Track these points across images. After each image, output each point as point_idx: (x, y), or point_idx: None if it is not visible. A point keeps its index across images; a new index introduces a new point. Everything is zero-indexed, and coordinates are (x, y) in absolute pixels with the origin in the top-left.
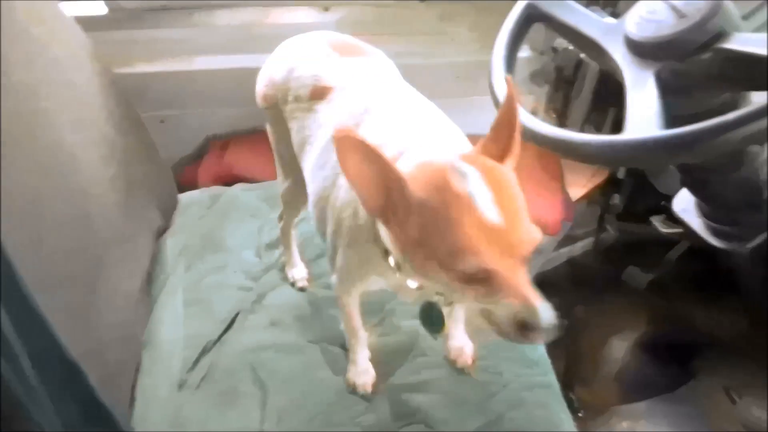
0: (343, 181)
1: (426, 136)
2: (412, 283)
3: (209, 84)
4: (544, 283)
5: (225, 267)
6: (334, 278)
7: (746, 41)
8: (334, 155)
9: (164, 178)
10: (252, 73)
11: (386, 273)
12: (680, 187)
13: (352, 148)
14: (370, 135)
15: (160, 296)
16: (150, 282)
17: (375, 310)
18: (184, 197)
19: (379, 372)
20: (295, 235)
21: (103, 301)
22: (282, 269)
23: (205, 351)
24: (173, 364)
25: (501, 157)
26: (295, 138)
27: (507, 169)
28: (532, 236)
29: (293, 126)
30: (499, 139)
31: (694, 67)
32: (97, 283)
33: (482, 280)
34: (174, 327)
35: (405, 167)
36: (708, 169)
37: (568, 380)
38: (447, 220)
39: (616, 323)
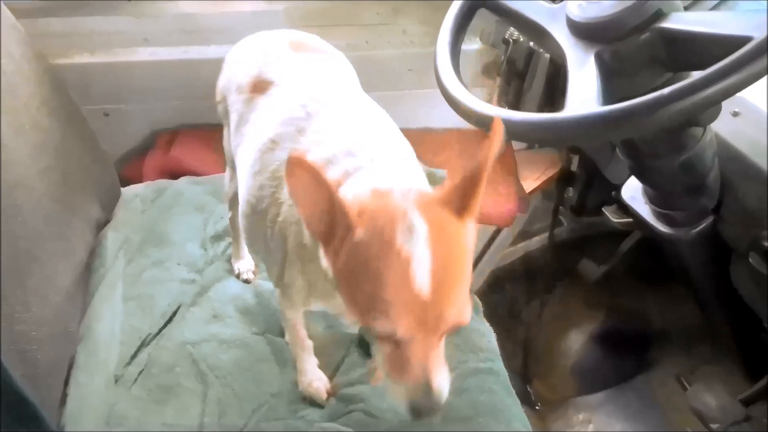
0: (284, 196)
1: (375, 154)
2: None
3: (155, 76)
4: (501, 278)
5: (167, 260)
6: (277, 293)
7: (683, 20)
8: (273, 162)
9: (105, 169)
10: (199, 65)
11: (330, 294)
12: (629, 176)
13: (304, 172)
14: (316, 147)
15: (98, 290)
16: (88, 276)
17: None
18: (127, 191)
19: (325, 363)
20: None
21: (32, 296)
22: (228, 261)
23: (143, 345)
24: (109, 359)
25: (460, 211)
26: (232, 133)
27: (462, 230)
28: (458, 317)
29: (233, 118)
30: (464, 192)
31: (634, 47)
32: (26, 277)
33: (391, 341)
34: (111, 322)
35: (357, 191)
36: (652, 154)
37: (525, 374)
38: (377, 273)
39: (572, 317)
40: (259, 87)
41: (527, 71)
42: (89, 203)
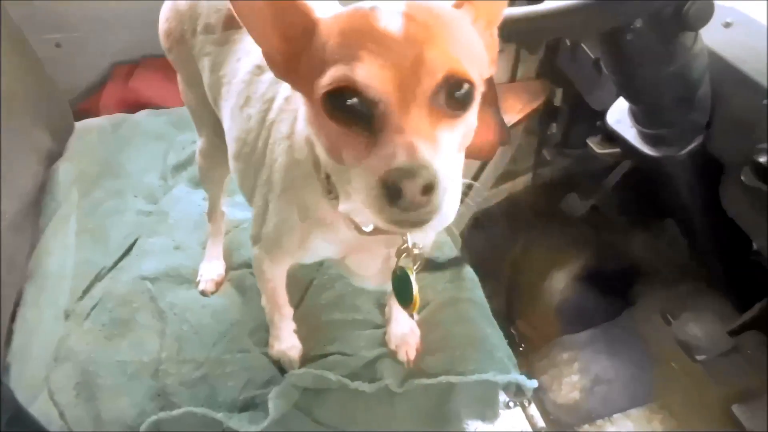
0: (274, 115)
1: None
2: (368, 228)
3: (112, 3)
4: (485, 219)
5: (124, 192)
6: (255, 250)
7: None
8: (261, 86)
9: (54, 98)
10: None
11: (332, 224)
12: (614, 101)
13: None
14: None
15: (49, 225)
16: (38, 210)
17: None
18: (82, 124)
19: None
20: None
21: None
22: (189, 184)
23: (97, 279)
24: (60, 294)
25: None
26: (208, 79)
27: (455, 11)
28: (446, 61)
29: (205, 65)
30: None
31: None
32: None
33: (364, 119)
34: (63, 256)
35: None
36: (642, 64)
37: (509, 315)
38: (339, 33)
39: (556, 256)
40: (236, 22)
41: None
42: (36, 132)
